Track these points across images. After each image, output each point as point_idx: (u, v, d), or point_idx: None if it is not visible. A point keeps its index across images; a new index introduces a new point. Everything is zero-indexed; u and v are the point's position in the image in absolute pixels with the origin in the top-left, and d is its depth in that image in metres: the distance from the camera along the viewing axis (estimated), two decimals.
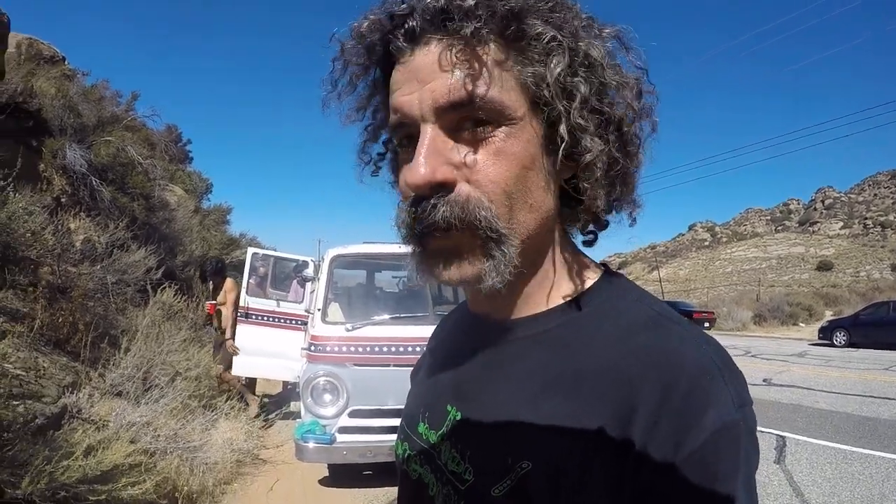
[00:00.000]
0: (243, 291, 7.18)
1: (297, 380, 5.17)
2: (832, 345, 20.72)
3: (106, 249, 7.36)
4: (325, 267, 5.21)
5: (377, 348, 4.64)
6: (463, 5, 0.60)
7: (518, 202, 0.64)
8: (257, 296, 7.29)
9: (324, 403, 4.59)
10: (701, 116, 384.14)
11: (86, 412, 4.07)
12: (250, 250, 7.72)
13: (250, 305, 7.16)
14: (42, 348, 4.81)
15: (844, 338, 20.44)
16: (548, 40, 0.62)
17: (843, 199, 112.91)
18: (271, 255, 7.95)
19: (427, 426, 0.79)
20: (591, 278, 0.73)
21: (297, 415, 5.12)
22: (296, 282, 7.64)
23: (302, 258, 7.36)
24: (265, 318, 7.23)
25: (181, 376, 5.38)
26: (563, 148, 0.64)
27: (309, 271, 6.54)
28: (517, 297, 0.71)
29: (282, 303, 7.41)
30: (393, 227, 0.72)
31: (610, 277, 0.74)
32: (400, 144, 0.69)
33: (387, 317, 4.95)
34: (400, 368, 4.44)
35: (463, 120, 0.62)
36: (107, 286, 6.73)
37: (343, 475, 5.02)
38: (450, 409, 0.75)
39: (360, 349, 4.65)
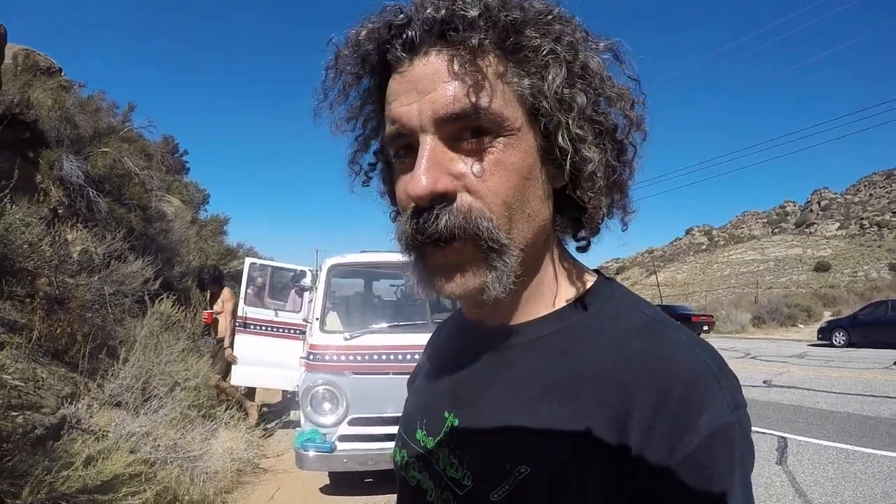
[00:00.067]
0: (241, 301, 7.18)
1: (297, 389, 5.17)
2: (831, 345, 20.72)
3: (103, 260, 7.34)
4: (322, 276, 5.22)
5: (376, 356, 4.64)
6: (466, 16, 0.60)
7: (517, 212, 0.64)
8: (255, 306, 7.30)
9: (323, 412, 4.58)
10: (701, 116, 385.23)
11: (85, 422, 4.06)
12: (248, 260, 7.72)
13: (248, 315, 7.16)
14: (40, 359, 4.79)
15: (844, 338, 20.44)
16: (546, 52, 0.63)
17: (838, 199, 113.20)
18: (269, 265, 7.96)
19: (425, 433, 0.79)
20: (585, 285, 0.74)
21: (297, 424, 5.11)
22: (294, 291, 7.65)
23: (300, 268, 7.37)
24: (263, 328, 7.23)
25: (180, 386, 5.36)
26: (568, 158, 0.65)
27: (307, 281, 6.54)
28: (513, 305, 0.72)
29: (280, 312, 7.42)
30: (392, 240, 0.72)
31: (604, 283, 0.74)
32: (396, 155, 0.69)
33: (385, 325, 4.96)
34: (399, 376, 4.44)
35: (462, 130, 0.62)
36: (105, 297, 6.72)
37: (344, 483, 5.01)
38: (447, 415, 0.75)
39: (359, 358, 4.65)
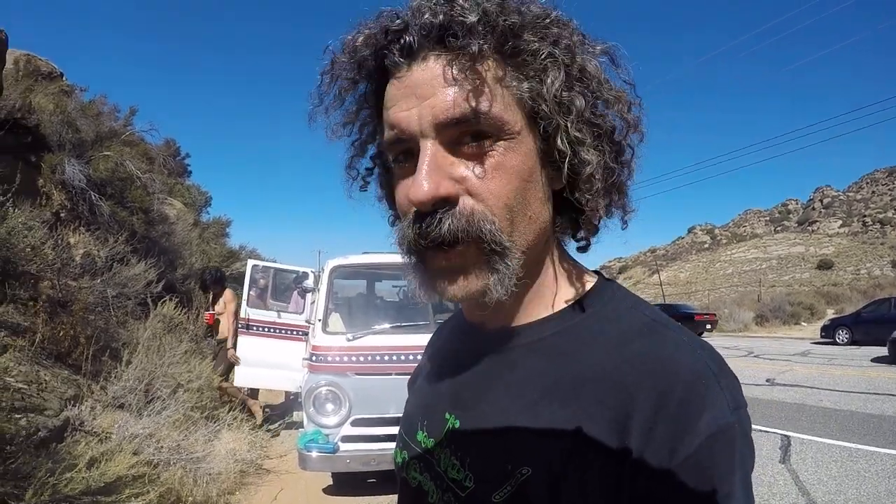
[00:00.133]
0: (244, 303, 7.20)
1: (300, 390, 5.17)
2: (835, 343, 20.71)
3: (106, 263, 7.35)
4: (325, 278, 5.22)
5: (378, 357, 4.64)
6: (465, 22, 0.60)
7: (518, 215, 0.64)
8: (258, 307, 7.31)
9: (326, 413, 4.59)
10: (700, 117, 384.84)
11: (88, 425, 4.06)
12: (250, 262, 7.73)
13: (251, 317, 7.17)
14: (43, 362, 4.80)
15: (847, 336, 20.39)
16: (544, 56, 0.63)
17: (841, 197, 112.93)
18: (271, 267, 7.98)
19: (426, 434, 0.80)
20: (585, 286, 0.74)
21: (300, 425, 5.11)
22: (296, 293, 7.65)
23: (302, 269, 7.38)
24: (266, 330, 7.24)
25: (183, 388, 5.37)
26: (567, 161, 0.65)
27: (309, 282, 6.55)
28: (514, 306, 0.72)
29: (282, 314, 7.43)
30: (393, 244, 0.72)
31: (604, 285, 0.74)
32: (395, 160, 0.69)
33: (387, 326, 4.96)
34: (401, 377, 4.43)
35: (462, 135, 0.63)
36: (107, 300, 6.73)
37: (347, 484, 5.02)
38: (448, 416, 0.75)
39: (362, 358, 4.66)
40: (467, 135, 0.62)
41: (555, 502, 0.59)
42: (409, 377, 1.01)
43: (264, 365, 7.02)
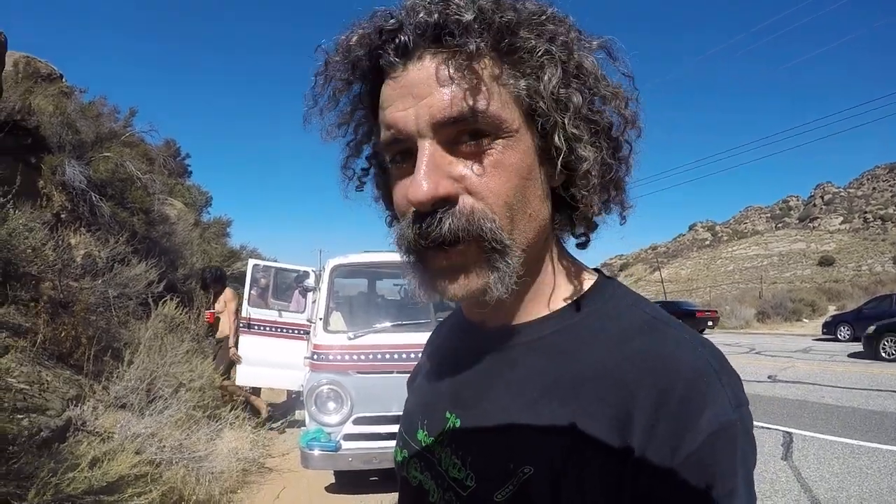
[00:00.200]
0: (245, 302, 7.20)
1: (301, 388, 5.18)
2: (836, 339, 20.67)
3: (107, 264, 7.36)
4: (325, 276, 5.22)
5: (380, 356, 4.64)
6: (461, 20, 0.59)
7: (518, 213, 0.64)
8: (259, 307, 7.31)
9: (328, 411, 4.59)
10: (699, 116, 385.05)
11: (90, 424, 4.07)
12: (251, 262, 7.74)
13: (252, 316, 7.18)
14: (45, 362, 4.80)
15: (848, 332, 20.32)
16: (541, 53, 0.63)
17: (842, 193, 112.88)
18: (272, 266, 7.98)
19: (426, 433, 0.79)
20: (585, 284, 0.74)
21: (302, 423, 5.12)
22: (297, 292, 7.65)
23: (303, 268, 7.39)
24: (268, 329, 7.25)
25: (185, 387, 5.37)
26: (561, 157, 0.65)
27: (310, 281, 6.55)
28: (514, 305, 0.72)
29: (284, 313, 7.43)
30: (391, 244, 0.72)
31: (604, 283, 0.74)
32: (392, 160, 0.68)
33: (388, 324, 4.95)
34: (403, 375, 4.40)
35: (460, 134, 0.62)
36: (109, 300, 6.74)
37: (349, 482, 5.02)
38: (449, 415, 0.75)
39: (363, 357, 4.66)
40: (465, 134, 0.62)
41: (556, 500, 0.59)
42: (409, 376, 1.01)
43: (266, 364, 7.02)
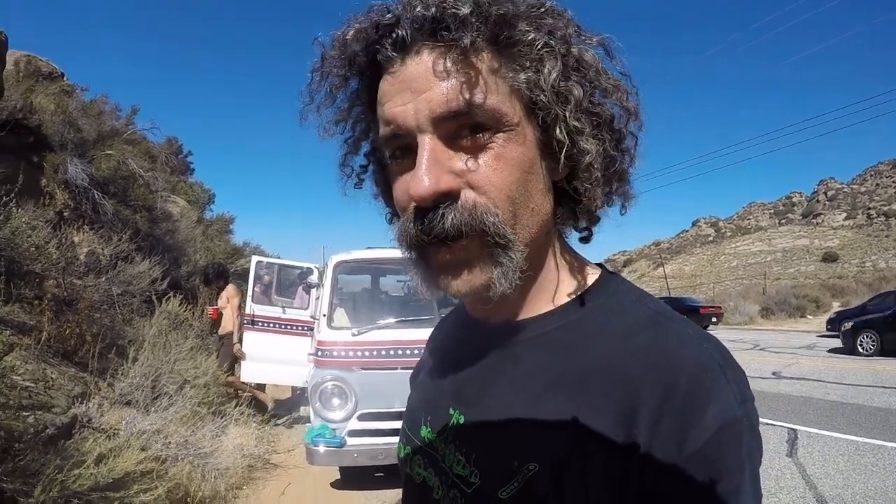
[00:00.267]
0: (248, 299, 7.21)
1: (306, 385, 5.18)
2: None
3: (110, 261, 7.38)
4: (329, 273, 5.23)
5: (384, 352, 4.65)
6: (458, 14, 0.59)
7: (521, 207, 0.63)
8: (263, 303, 7.32)
9: (332, 407, 4.60)
10: (700, 113, 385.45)
11: (96, 421, 4.08)
12: (254, 258, 7.76)
13: (256, 313, 7.19)
14: (50, 360, 4.82)
15: None
16: (540, 46, 0.62)
17: (845, 190, 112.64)
18: (276, 263, 7.99)
19: (429, 430, 0.79)
20: (588, 279, 0.73)
21: (307, 419, 5.13)
22: (301, 288, 7.67)
23: (306, 265, 7.40)
24: (271, 325, 7.26)
25: (189, 384, 5.38)
26: (564, 151, 0.64)
27: (314, 278, 6.56)
28: (517, 300, 0.71)
29: (287, 309, 7.44)
30: (393, 242, 0.71)
31: (607, 278, 0.74)
32: (392, 156, 0.68)
33: (392, 320, 4.96)
34: (407, 371, 4.41)
35: (461, 128, 0.62)
36: (112, 297, 6.75)
37: (354, 478, 5.03)
38: (452, 412, 0.75)
39: (367, 353, 4.67)
40: (465, 128, 0.62)
41: (560, 495, 0.59)
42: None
43: (270, 360, 7.04)
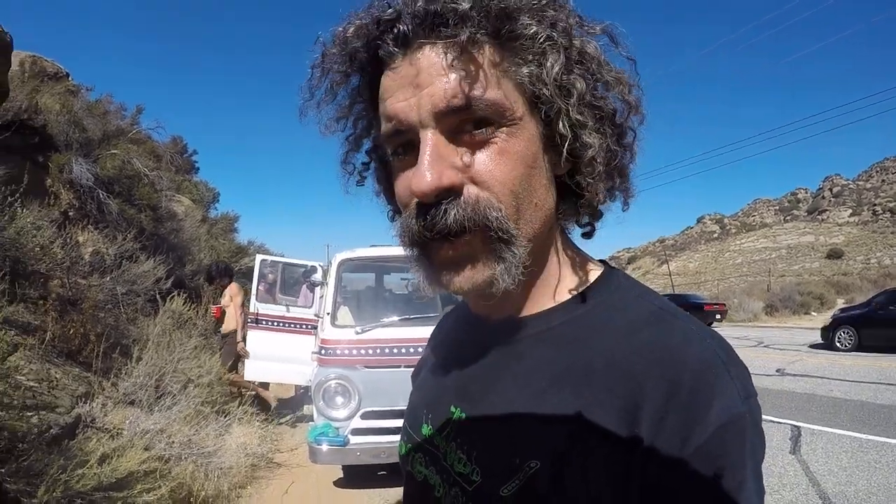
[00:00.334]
0: (253, 298, 7.23)
1: (309, 383, 5.19)
2: None
3: (115, 261, 7.39)
4: (333, 271, 5.23)
5: (387, 350, 4.65)
6: (458, 9, 0.59)
7: (524, 202, 0.63)
8: (267, 301, 7.34)
9: (336, 406, 4.60)
10: (702, 109, 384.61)
11: (100, 421, 4.09)
12: (259, 257, 7.77)
13: (260, 311, 7.20)
14: (54, 360, 4.83)
15: None
16: (543, 39, 0.62)
17: (851, 186, 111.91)
18: (280, 261, 8.00)
19: (431, 427, 0.79)
20: (591, 275, 0.73)
21: (310, 418, 5.13)
22: (305, 287, 7.68)
23: (310, 263, 7.40)
24: (275, 324, 7.28)
25: (193, 383, 5.39)
26: (566, 145, 0.64)
27: (318, 276, 6.57)
28: (520, 296, 0.71)
29: (291, 308, 7.45)
30: (394, 238, 0.71)
31: (610, 273, 0.74)
32: (394, 153, 0.67)
33: (396, 318, 4.96)
34: (411, 369, 4.42)
35: (463, 123, 0.62)
36: (117, 297, 6.77)
37: (358, 476, 5.04)
38: (454, 409, 0.75)
39: (371, 351, 4.67)
40: (468, 123, 0.61)
41: (562, 491, 0.59)
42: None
43: (274, 359, 7.06)
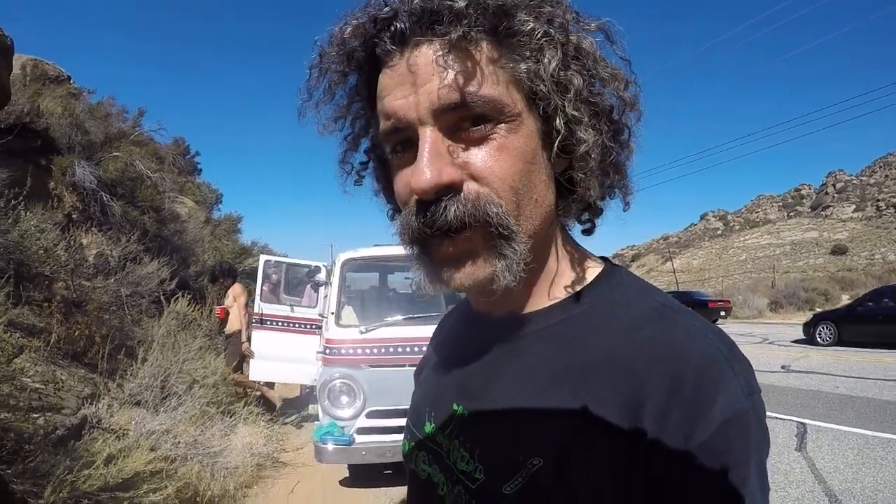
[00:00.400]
0: (257, 298, 7.23)
1: (314, 383, 5.20)
2: None
3: (119, 263, 7.43)
4: (337, 271, 5.23)
5: (392, 349, 4.65)
6: (454, 6, 0.59)
7: (525, 198, 0.63)
8: (271, 302, 7.34)
9: (341, 405, 4.60)
10: (701, 106, 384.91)
11: (105, 422, 4.10)
12: (262, 257, 7.77)
13: (265, 311, 7.21)
14: (60, 361, 4.85)
15: None
16: (540, 35, 0.62)
17: (854, 181, 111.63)
18: (283, 262, 8.00)
19: (433, 425, 0.79)
20: (592, 271, 0.73)
21: (316, 418, 5.14)
22: (309, 287, 7.68)
23: (314, 263, 7.40)
24: (280, 324, 7.28)
25: (198, 384, 5.41)
26: (558, 140, 0.64)
27: (321, 276, 6.57)
28: (521, 293, 0.71)
29: (296, 308, 7.46)
30: (394, 235, 0.71)
31: (611, 270, 0.74)
32: (393, 151, 0.67)
33: (400, 318, 4.95)
34: (415, 368, 4.44)
35: (462, 120, 0.61)
36: (121, 298, 6.79)
37: (363, 475, 5.04)
38: (456, 407, 0.74)
39: (375, 351, 4.67)
40: (467, 119, 0.61)
41: (565, 487, 0.59)
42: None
43: (279, 359, 7.06)
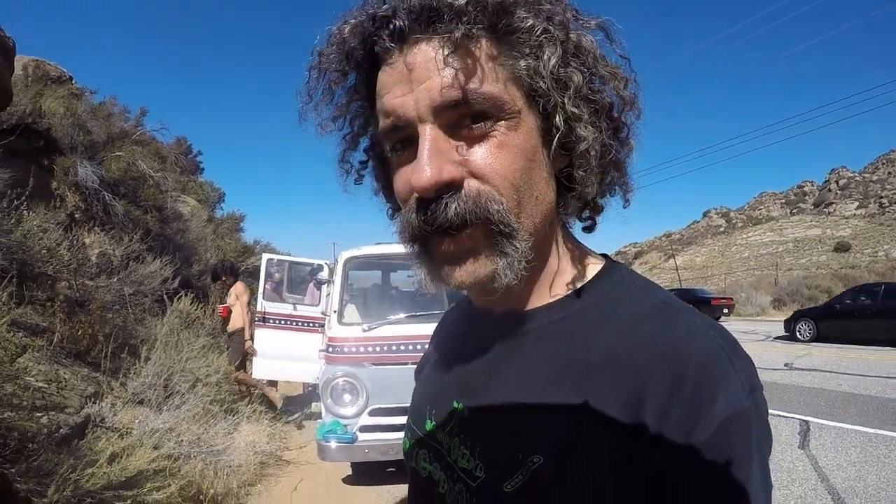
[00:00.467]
0: (259, 296, 7.25)
1: (317, 381, 5.20)
2: None
3: (122, 262, 7.44)
4: (339, 269, 5.23)
5: (394, 347, 4.65)
6: (454, 4, 0.59)
7: (525, 195, 0.63)
8: (274, 300, 7.35)
9: (344, 403, 4.61)
10: (701, 104, 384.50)
11: (109, 421, 4.11)
12: (265, 256, 7.78)
13: (267, 310, 7.22)
14: (63, 361, 4.86)
15: None
16: (539, 32, 0.62)
17: (857, 178, 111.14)
18: (286, 260, 8.00)
19: (434, 423, 0.79)
20: (593, 269, 0.73)
21: (319, 415, 5.15)
22: (312, 285, 7.69)
23: (317, 261, 7.40)
24: (283, 322, 7.30)
25: (201, 382, 5.41)
26: (557, 137, 0.64)
27: (324, 274, 6.58)
28: (522, 291, 0.71)
29: (298, 306, 7.46)
30: (394, 234, 0.71)
31: (612, 267, 0.74)
32: (393, 149, 0.67)
33: (403, 316, 4.96)
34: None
35: (462, 117, 0.61)
36: (124, 298, 6.81)
37: (366, 473, 5.05)
38: (456, 405, 0.75)
39: (378, 349, 4.67)
40: (467, 117, 0.61)
41: (566, 484, 0.59)
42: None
43: (282, 357, 7.08)
